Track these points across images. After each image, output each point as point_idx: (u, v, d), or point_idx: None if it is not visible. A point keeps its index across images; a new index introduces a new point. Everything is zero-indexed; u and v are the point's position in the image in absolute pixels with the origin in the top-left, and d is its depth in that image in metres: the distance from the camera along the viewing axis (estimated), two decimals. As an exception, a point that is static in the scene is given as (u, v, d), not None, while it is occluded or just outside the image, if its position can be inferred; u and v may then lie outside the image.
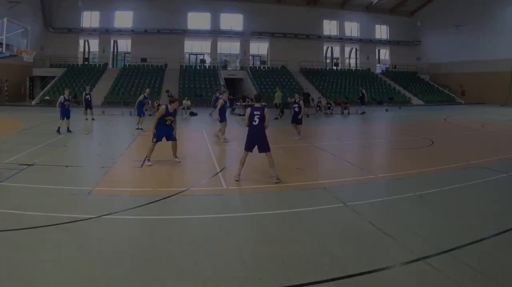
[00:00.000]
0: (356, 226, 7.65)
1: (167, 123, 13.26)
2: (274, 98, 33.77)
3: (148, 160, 12.89)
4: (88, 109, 27.21)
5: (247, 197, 9.87)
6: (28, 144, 16.17)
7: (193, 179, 11.54)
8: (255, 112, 10.93)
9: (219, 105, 18.73)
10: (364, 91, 37.90)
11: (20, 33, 20.33)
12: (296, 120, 19.79)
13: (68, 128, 20.29)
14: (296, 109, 19.89)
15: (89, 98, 27.41)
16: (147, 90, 24.04)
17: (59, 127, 19.71)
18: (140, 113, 22.39)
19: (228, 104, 20.17)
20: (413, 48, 64.16)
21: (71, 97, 21.24)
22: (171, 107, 13.18)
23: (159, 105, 28.78)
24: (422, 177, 11.79)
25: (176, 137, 13.53)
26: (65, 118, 20.06)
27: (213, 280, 5.49)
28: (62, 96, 20.29)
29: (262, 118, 10.91)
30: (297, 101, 20.21)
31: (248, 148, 11.07)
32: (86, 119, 26.84)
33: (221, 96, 24.36)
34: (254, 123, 10.92)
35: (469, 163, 13.69)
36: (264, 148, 11.00)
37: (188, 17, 56.18)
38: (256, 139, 10.97)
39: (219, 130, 18.67)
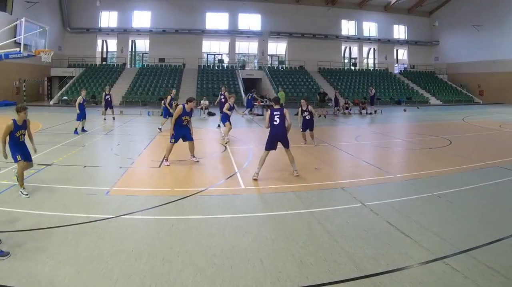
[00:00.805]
0: (374, 226, 7.65)
1: (184, 123, 13.39)
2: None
3: (166, 160, 13.02)
4: (108, 109, 27.47)
5: (265, 196, 9.86)
6: (46, 143, 16.27)
7: (211, 179, 11.58)
8: (274, 113, 11.26)
9: (224, 109, 18.22)
10: (374, 90, 37.70)
11: (38, 33, 20.44)
12: (309, 126, 17.56)
13: (83, 127, 20.55)
14: (307, 117, 17.51)
15: (109, 99, 27.64)
16: (173, 91, 23.99)
17: (76, 129, 19.92)
18: (165, 114, 22.58)
19: (235, 108, 18.58)
20: (431, 48, 63.79)
21: (88, 97, 21.34)
22: (188, 107, 13.33)
23: (177, 105, 28.91)
24: (440, 176, 11.73)
25: (193, 137, 13.66)
26: (82, 119, 20.31)
27: (231, 280, 5.53)
28: (80, 97, 20.46)
29: (282, 118, 11.21)
30: (304, 108, 17.65)
31: (270, 147, 11.36)
32: (105, 119, 26.96)
33: (222, 97, 24.03)
34: (275, 123, 11.29)
35: (487, 163, 13.61)
36: (287, 144, 11.34)
37: (206, 17, 56.30)
38: (280, 138, 11.27)
39: (225, 134, 18.09)
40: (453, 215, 8.31)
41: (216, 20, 56.56)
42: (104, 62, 56.15)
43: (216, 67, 56.55)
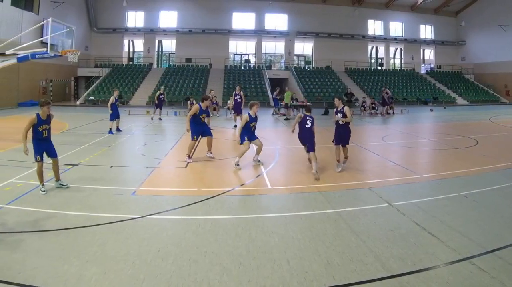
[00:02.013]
0: (401, 226, 7.65)
1: (201, 121, 13.74)
2: (284, 98, 32.33)
3: (189, 157, 13.26)
4: (158, 109, 27.74)
5: (292, 196, 9.85)
6: (73, 144, 16.43)
7: (237, 178, 11.65)
8: (307, 117, 12.42)
9: (242, 122, 13.32)
10: (388, 90, 36.72)
11: (65, 33, 20.43)
12: (344, 137, 12.53)
13: (117, 127, 20.65)
14: (341, 121, 12.39)
15: (163, 98, 27.96)
16: (212, 92, 23.68)
17: (110, 129, 20.04)
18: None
19: (255, 121, 13.44)
20: (457, 48, 62.93)
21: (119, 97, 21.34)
22: (204, 105, 13.68)
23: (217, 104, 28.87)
24: (467, 176, 11.68)
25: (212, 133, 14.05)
26: (115, 118, 20.45)
27: (257, 280, 5.55)
28: (113, 97, 20.59)
29: (313, 123, 12.18)
30: (340, 109, 12.49)
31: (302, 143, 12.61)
32: (152, 119, 27.36)
33: (237, 97, 23.00)
34: (307, 126, 12.29)
35: (514, 163, 13.59)
36: (313, 147, 11.97)
37: (233, 17, 56.48)
38: (307, 140, 12.19)
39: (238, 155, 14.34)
40: (479, 215, 8.28)
41: (242, 20, 56.58)
42: (130, 62, 56.53)
43: (242, 67, 56.69)
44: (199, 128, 13.63)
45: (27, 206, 8.43)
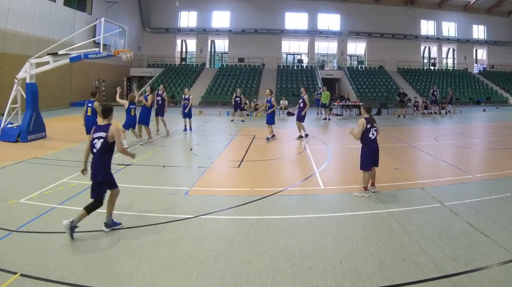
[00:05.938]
0: (454, 226, 7.58)
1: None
2: (322, 99, 31.09)
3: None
4: (237, 111, 28.10)
5: (344, 197, 9.77)
6: (125, 144, 16.45)
7: (290, 179, 11.62)
8: (374, 125, 9.83)
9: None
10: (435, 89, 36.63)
11: (118, 33, 20.61)
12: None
13: (186, 127, 21.02)
14: (372, 136, 9.98)
15: (239, 101, 28.14)
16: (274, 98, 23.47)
17: (185, 126, 20.44)
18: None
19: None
20: (510, 48, 61.59)
21: (168, 97, 21.27)
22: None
23: (257, 105, 29.21)
24: (520, 177, 11.54)
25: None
26: (187, 117, 20.77)
27: (310, 280, 5.56)
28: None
29: (377, 131, 9.98)
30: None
31: (369, 166, 9.86)
32: (232, 120, 27.34)
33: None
34: (372, 137, 9.80)
35: None
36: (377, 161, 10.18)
37: (286, 17, 56.47)
38: (376, 154, 9.97)
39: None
40: (533, 215, 8.20)
41: (295, 20, 56.48)
42: (183, 62, 56.99)
43: (295, 67, 56.68)
44: None
45: (80, 206, 8.35)
